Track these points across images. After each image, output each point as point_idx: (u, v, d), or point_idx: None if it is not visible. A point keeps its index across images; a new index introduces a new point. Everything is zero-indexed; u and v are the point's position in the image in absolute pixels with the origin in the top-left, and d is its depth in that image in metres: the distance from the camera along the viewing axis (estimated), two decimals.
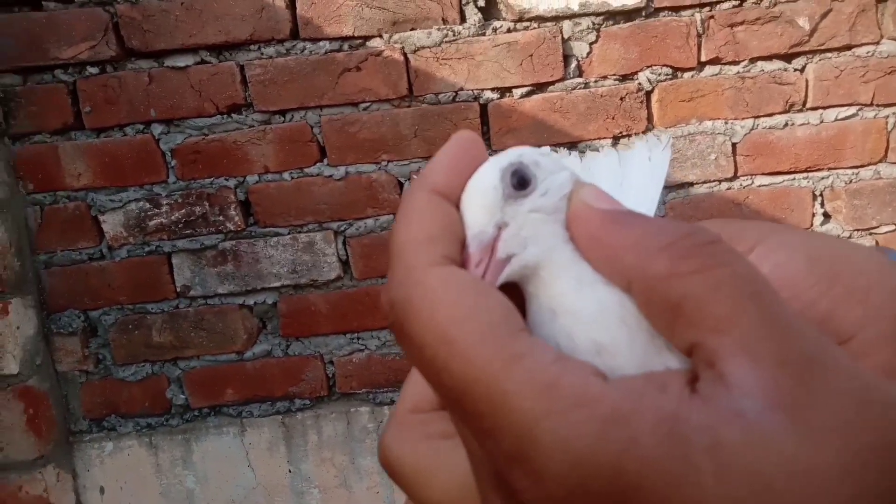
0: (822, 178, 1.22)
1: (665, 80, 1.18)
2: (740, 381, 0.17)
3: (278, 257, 1.19)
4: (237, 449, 1.22)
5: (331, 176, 1.17)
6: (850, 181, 1.21)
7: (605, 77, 1.17)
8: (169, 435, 1.22)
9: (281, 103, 1.15)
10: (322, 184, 1.17)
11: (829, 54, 1.18)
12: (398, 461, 0.23)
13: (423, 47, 1.14)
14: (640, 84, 1.18)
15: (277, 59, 1.14)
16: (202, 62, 1.13)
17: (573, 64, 1.17)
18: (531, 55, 1.15)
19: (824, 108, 1.19)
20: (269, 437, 1.23)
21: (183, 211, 1.17)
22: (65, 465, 1.21)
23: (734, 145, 1.21)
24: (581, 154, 0.29)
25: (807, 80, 1.19)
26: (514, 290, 0.22)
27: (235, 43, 1.12)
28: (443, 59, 1.14)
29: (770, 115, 1.20)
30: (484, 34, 1.14)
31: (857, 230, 1.22)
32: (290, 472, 1.23)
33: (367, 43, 1.14)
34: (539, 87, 1.17)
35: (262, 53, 1.14)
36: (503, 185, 0.22)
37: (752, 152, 1.21)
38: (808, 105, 1.19)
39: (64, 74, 1.13)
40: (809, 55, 1.18)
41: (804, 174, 1.21)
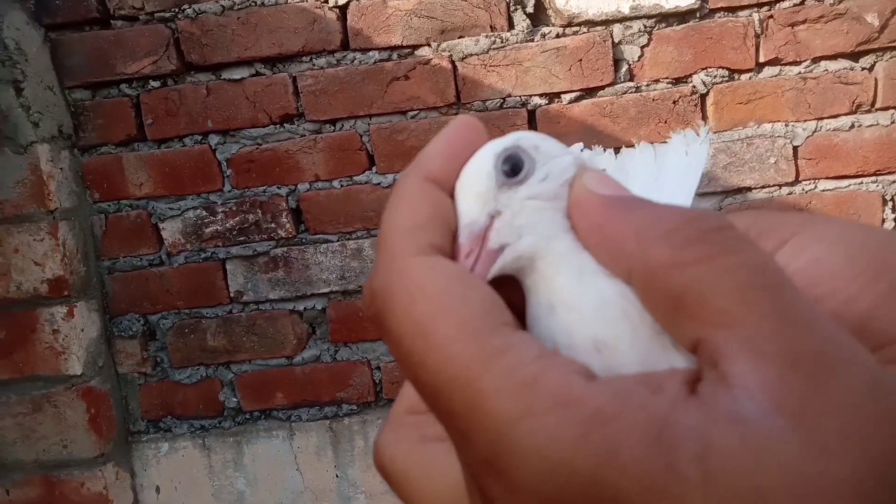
0: (894, 182, 1.15)
1: (721, 82, 1.14)
2: (743, 382, 0.15)
3: (327, 264, 1.21)
4: (286, 452, 1.24)
5: (379, 183, 1.18)
6: None
7: (657, 80, 1.14)
8: (221, 437, 1.25)
9: (331, 112, 1.17)
10: (370, 191, 1.19)
11: None
12: (391, 464, 0.22)
13: (471, 55, 1.14)
14: (694, 87, 1.15)
15: (328, 69, 1.16)
16: (257, 74, 1.17)
17: (624, 68, 1.15)
18: (580, 60, 1.13)
19: (895, 108, 1.13)
20: (317, 442, 1.24)
21: (237, 218, 1.20)
22: (123, 464, 1.25)
23: (795, 148, 1.16)
24: (616, 151, 0.28)
25: (876, 79, 1.13)
26: (517, 284, 0.21)
27: (288, 55, 1.15)
28: (490, 66, 1.14)
29: (835, 116, 1.15)
30: (532, 40, 1.14)
31: None
32: (336, 476, 1.24)
33: (415, 52, 1.15)
34: (588, 92, 1.15)
35: (314, 64, 1.16)
36: (497, 172, 0.20)
37: (814, 155, 1.16)
38: (878, 105, 1.13)
39: (128, 88, 1.18)
40: (879, 53, 1.12)
41: (872, 178, 1.15)
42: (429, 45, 1.15)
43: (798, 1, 1.12)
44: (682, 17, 1.13)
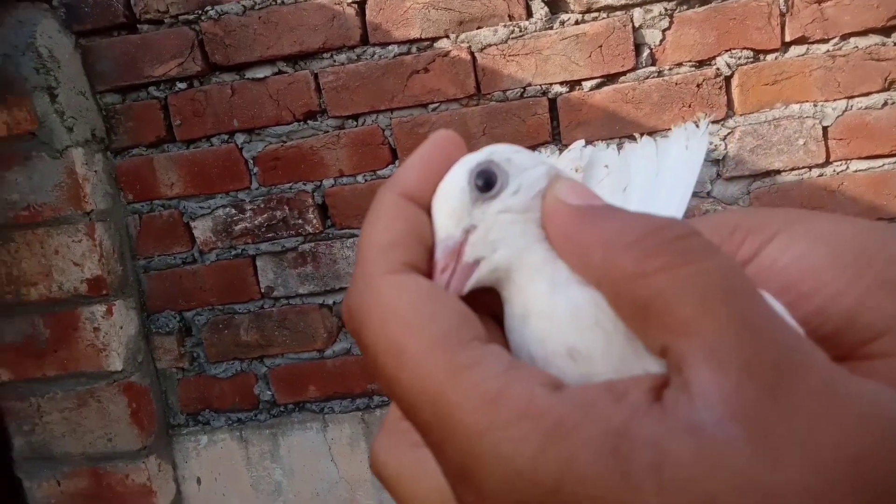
0: None
1: (746, 63, 1.12)
2: (703, 391, 0.15)
3: (354, 257, 1.22)
4: (320, 444, 1.27)
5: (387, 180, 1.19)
6: None
7: (679, 64, 1.13)
8: (258, 429, 1.28)
9: (353, 108, 1.18)
10: None
11: None
12: (384, 468, 0.23)
13: (490, 45, 1.14)
14: (718, 69, 1.13)
15: (349, 65, 1.17)
16: (279, 72, 1.19)
17: (645, 52, 1.13)
18: (600, 46, 1.12)
19: None
20: (350, 433, 1.26)
21: (265, 215, 1.23)
22: (165, 457, 1.30)
23: (825, 129, 1.13)
24: (619, 146, 0.28)
25: None
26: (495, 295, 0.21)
27: (309, 52, 1.17)
28: (510, 55, 1.14)
29: (866, 94, 1.12)
30: (551, 28, 1.13)
31: None
32: (370, 467, 1.26)
33: (434, 44, 1.16)
34: (609, 79, 1.14)
35: (335, 60, 1.18)
36: (470, 188, 0.21)
37: (846, 135, 1.13)
38: None
39: (156, 91, 1.21)
40: None
41: None
42: (447, 36, 1.15)
43: None
44: None
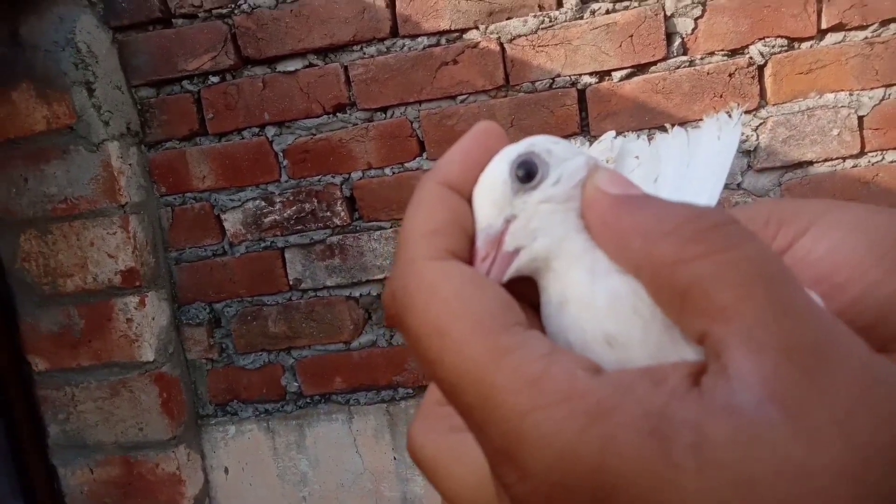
0: None
1: (780, 52, 1.11)
2: (741, 374, 0.16)
3: (381, 250, 1.23)
4: (345, 435, 1.27)
5: (429, 170, 1.20)
6: None
7: (711, 53, 1.12)
8: (284, 420, 1.29)
9: (382, 100, 1.19)
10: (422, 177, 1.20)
11: None
12: (422, 451, 0.23)
13: (519, 36, 1.14)
14: (751, 58, 1.11)
15: (378, 57, 1.18)
16: (310, 65, 1.20)
17: (677, 42, 1.12)
18: (631, 36, 1.12)
19: None
20: (375, 425, 1.27)
21: (294, 208, 1.24)
22: (194, 446, 1.31)
23: (861, 118, 1.11)
24: (650, 136, 0.28)
25: None
26: (534, 285, 0.22)
27: (340, 45, 1.18)
28: (539, 46, 1.14)
29: None
30: (581, 18, 1.13)
31: None
32: (395, 458, 1.26)
33: (463, 35, 1.16)
34: (640, 69, 1.13)
35: (364, 53, 1.19)
36: (511, 178, 0.21)
37: (882, 125, 1.10)
38: None
39: (190, 85, 1.23)
40: None
41: None
42: (477, 28, 1.15)
43: None
44: None
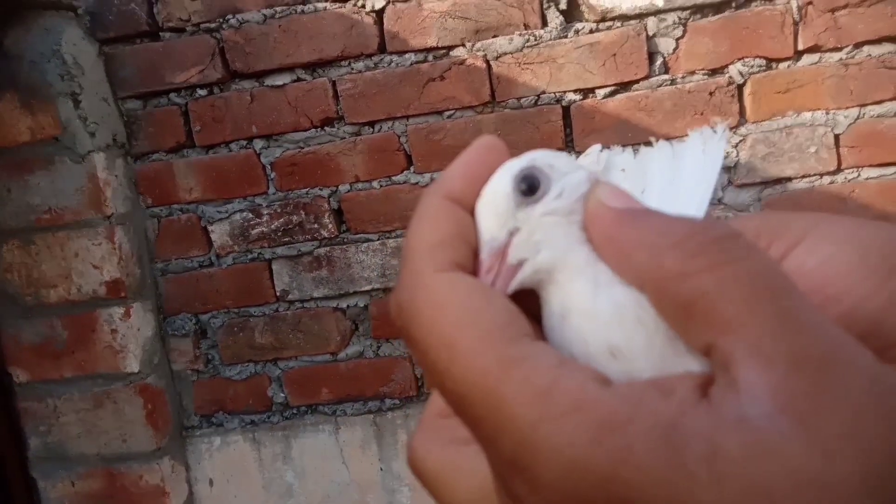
0: None
1: (758, 71, 1.14)
2: (750, 386, 0.16)
3: (368, 262, 1.24)
4: (332, 446, 1.28)
5: (417, 183, 1.21)
6: None
7: (692, 72, 1.14)
8: (270, 431, 1.29)
9: (370, 115, 1.20)
10: (409, 191, 1.21)
11: None
12: (423, 465, 0.23)
13: (505, 53, 1.16)
14: (730, 77, 1.14)
15: (366, 73, 1.19)
16: (298, 80, 1.21)
17: (658, 61, 1.15)
18: (614, 55, 1.14)
19: None
20: (362, 436, 1.27)
21: (281, 220, 1.25)
22: (179, 458, 1.31)
23: (837, 136, 1.14)
24: (635, 150, 0.28)
25: None
26: (537, 298, 0.22)
27: (328, 60, 1.19)
28: (525, 63, 1.16)
29: (879, 102, 1.12)
30: (566, 36, 1.15)
31: None
32: (381, 469, 1.27)
33: (450, 53, 1.18)
34: (623, 87, 1.15)
35: (353, 68, 1.20)
36: (514, 192, 0.21)
37: (857, 143, 1.14)
38: None
39: (177, 97, 1.24)
40: None
41: None
42: (463, 45, 1.17)
43: None
44: (717, 7, 1.12)
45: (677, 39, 1.14)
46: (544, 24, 1.15)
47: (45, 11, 1.19)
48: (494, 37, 1.16)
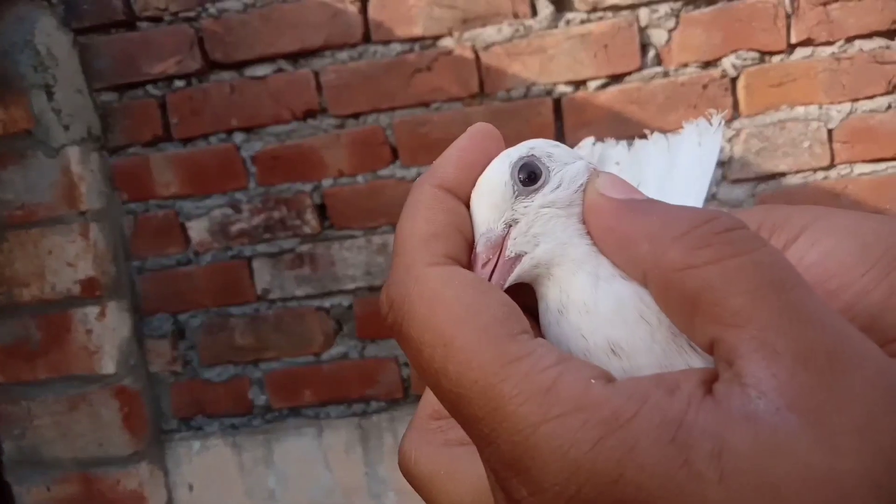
0: None
1: (752, 65, 1.12)
2: (756, 381, 0.15)
3: (353, 259, 1.20)
4: (315, 450, 1.24)
5: (403, 177, 1.18)
6: None
7: (685, 65, 1.12)
8: (251, 435, 1.25)
9: (354, 107, 1.17)
10: (395, 185, 1.18)
11: None
12: (415, 467, 0.23)
13: (494, 44, 1.13)
14: (724, 70, 1.12)
15: (350, 63, 1.16)
16: (279, 70, 1.17)
17: (651, 53, 1.12)
18: (606, 46, 1.11)
19: None
20: (346, 439, 1.24)
21: (262, 216, 1.21)
22: (157, 462, 1.27)
23: (830, 131, 1.12)
24: (629, 143, 0.28)
25: None
26: (533, 293, 0.21)
27: (310, 50, 1.16)
28: (514, 54, 1.13)
29: (871, 97, 1.11)
30: (556, 27, 1.12)
31: None
32: (366, 474, 1.23)
33: (437, 43, 1.15)
34: (615, 79, 1.13)
35: (336, 59, 1.16)
36: (513, 181, 0.21)
37: (850, 138, 1.12)
38: None
39: (154, 89, 1.20)
40: None
41: None
42: (451, 35, 1.14)
43: None
44: None
45: (670, 31, 1.11)
46: (534, 13, 1.12)
47: (17, 0, 1.15)
48: (483, 26, 1.13)
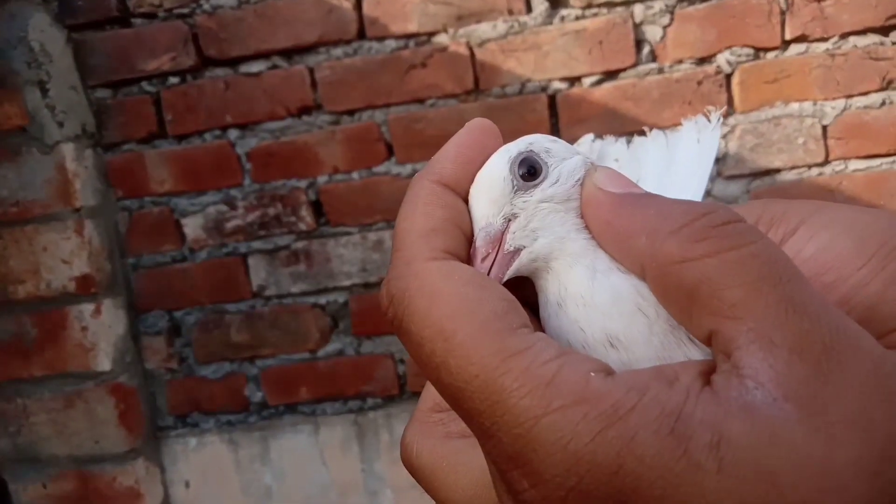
0: None
1: (746, 61, 1.12)
2: (753, 372, 0.16)
3: (348, 256, 1.20)
4: (312, 447, 1.24)
5: (398, 174, 1.18)
6: None
7: (680, 61, 1.12)
8: (248, 432, 1.25)
9: (349, 103, 1.17)
10: (390, 182, 1.18)
11: None
12: (417, 460, 0.23)
13: (489, 40, 1.13)
14: (718, 67, 1.12)
15: (345, 59, 1.16)
16: (274, 67, 1.17)
17: (646, 49, 1.12)
18: (601, 42, 1.11)
19: None
20: (342, 436, 1.24)
21: (258, 213, 1.21)
22: (153, 459, 1.27)
23: (824, 128, 1.12)
24: (628, 139, 0.28)
25: None
26: (533, 287, 0.22)
27: (305, 46, 1.15)
28: (509, 50, 1.13)
29: (865, 93, 1.11)
30: (551, 23, 1.12)
31: None
32: (363, 471, 1.24)
33: (432, 39, 1.14)
34: (610, 75, 1.13)
35: (331, 55, 1.16)
36: (512, 176, 0.21)
37: (844, 135, 1.12)
38: None
39: (149, 86, 1.19)
40: None
41: None
42: (446, 31, 1.14)
43: None
44: None
45: (665, 27, 1.11)
46: (529, 9, 1.12)
47: None
48: (478, 23, 1.13)
